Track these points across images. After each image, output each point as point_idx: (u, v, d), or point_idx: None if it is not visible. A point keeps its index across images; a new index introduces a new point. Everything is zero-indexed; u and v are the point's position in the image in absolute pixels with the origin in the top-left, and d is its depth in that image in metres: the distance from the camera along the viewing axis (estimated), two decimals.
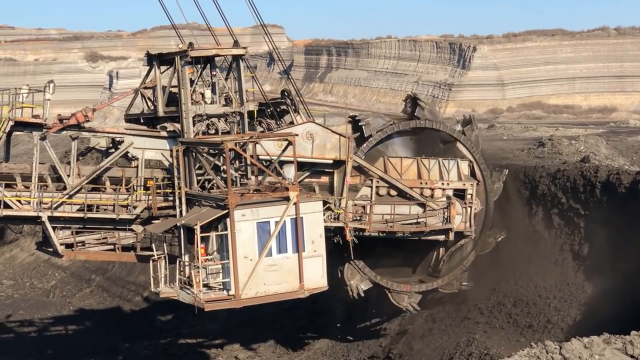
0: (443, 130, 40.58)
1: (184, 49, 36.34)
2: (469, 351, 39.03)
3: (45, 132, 36.29)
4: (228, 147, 32.93)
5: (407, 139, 40.66)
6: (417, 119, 40.16)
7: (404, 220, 39.32)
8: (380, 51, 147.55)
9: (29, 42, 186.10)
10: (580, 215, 40.95)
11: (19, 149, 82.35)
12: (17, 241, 76.65)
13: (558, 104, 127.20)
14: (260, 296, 33.37)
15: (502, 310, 41.64)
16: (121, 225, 37.14)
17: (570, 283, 40.01)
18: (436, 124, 40.58)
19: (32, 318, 59.98)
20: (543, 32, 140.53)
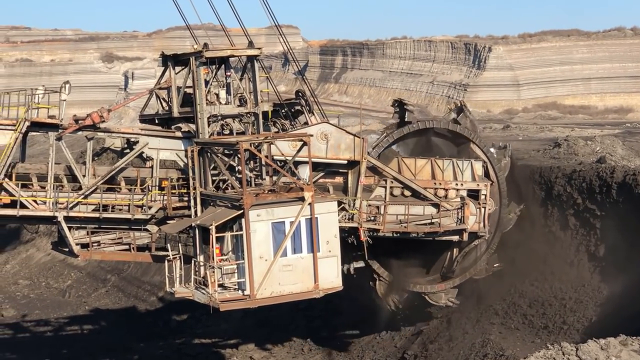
0: (435, 126, 40.59)
1: (198, 50, 36.39)
2: (484, 352, 38.98)
3: (61, 132, 36.38)
4: (243, 148, 32.97)
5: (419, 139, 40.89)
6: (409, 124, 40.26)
7: (418, 221, 39.34)
8: (396, 52, 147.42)
9: (45, 42, 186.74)
10: (596, 216, 40.80)
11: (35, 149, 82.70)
12: (33, 241, 76.98)
13: (574, 104, 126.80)
14: (275, 296, 33.42)
15: (517, 311, 41.55)
16: (136, 225, 37.20)
17: (586, 284, 39.88)
18: (428, 122, 40.62)
19: (48, 317, 60.24)
20: (558, 32, 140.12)
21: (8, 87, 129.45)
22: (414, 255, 41.11)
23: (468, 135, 40.66)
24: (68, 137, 37.48)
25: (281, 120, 39.22)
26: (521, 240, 42.57)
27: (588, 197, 41.34)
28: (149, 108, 39.82)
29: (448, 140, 41.12)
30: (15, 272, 74.46)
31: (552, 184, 43.13)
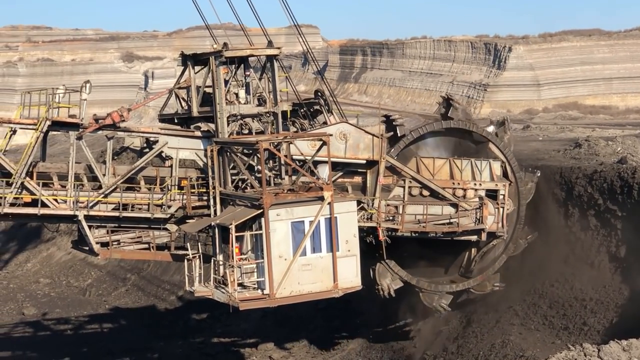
0: (475, 131, 40.52)
1: (218, 50, 36.54)
2: (504, 353, 38.85)
3: (82, 131, 36.56)
4: (263, 147, 33.07)
5: (440, 139, 40.65)
6: (451, 120, 40.16)
7: (437, 221, 39.35)
8: (415, 51, 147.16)
9: (66, 42, 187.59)
10: (617, 217, 40.57)
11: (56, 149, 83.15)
12: (53, 240, 77.36)
13: (595, 104, 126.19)
14: (295, 295, 33.59)
15: (537, 312, 41.39)
16: (156, 224, 37.36)
17: (606, 285, 39.65)
18: (469, 124, 40.54)
19: (69, 316, 60.54)
20: (579, 32, 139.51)
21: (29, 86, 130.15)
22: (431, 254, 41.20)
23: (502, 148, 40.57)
24: (88, 137, 37.66)
25: (300, 119, 39.29)
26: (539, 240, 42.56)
27: (609, 197, 41.12)
28: (169, 107, 39.99)
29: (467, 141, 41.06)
30: (36, 270, 74.88)
31: (572, 184, 42.92)
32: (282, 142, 34.76)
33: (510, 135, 41.88)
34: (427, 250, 40.98)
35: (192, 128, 38.06)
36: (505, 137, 41.21)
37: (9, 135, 36.58)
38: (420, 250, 40.99)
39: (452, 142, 40.90)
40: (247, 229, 33.39)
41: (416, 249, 40.86)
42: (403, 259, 40.59)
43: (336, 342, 48.54)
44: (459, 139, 40.84)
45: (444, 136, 40.66)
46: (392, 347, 45.45)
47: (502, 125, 41.41)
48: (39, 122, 35.98)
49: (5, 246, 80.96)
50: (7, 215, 36.45)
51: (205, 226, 36.14)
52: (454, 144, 40.93)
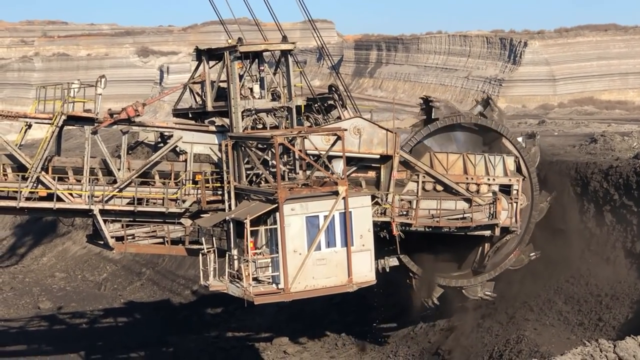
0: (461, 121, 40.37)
1: (233, 44, 36.58)
2: (519, 348, 38.78)
3: (97, 126, 36.69)
4: (278, 142, 33.10)
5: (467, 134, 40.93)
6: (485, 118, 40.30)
7: (450, 216, 39.36)
8: (430, 46, 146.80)
9: (81, 37, 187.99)
10: (633, 212, 40.43)
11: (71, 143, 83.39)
12: (69, 234, 77.68)
13: (610, 99, 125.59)
14: (309, 290, 33.64)
15: (552, 308, 41.31)
16: (170, 218, 37.46)
17: (622, 280, 39.54)
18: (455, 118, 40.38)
19: (84, 310, 60.78)
20: (595, 27, 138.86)
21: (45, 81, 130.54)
22: (445, 250, 41.20)
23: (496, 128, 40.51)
24: (103, 131, 37.78)
25: (314, 114, 39.31)
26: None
27: (625, 193, 40.97)
28: (183, 102, 40.07)
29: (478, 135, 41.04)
30: (51, 264, 75.20)
31: (588, 179, 42.77)
32: (296, 136, 34.78)
33: (498, 112, 41.63)
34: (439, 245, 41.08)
35: (207, 123, 38.16)
36: (494, 114, 41.04)
37: (24, 130, 36.73)
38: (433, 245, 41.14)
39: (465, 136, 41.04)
40: (262, 224, 33.45)
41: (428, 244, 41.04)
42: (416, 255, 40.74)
43: (351, 337, 48.56)
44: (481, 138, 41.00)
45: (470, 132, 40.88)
46: (406, 342, 45.45)
47: (487, 104, 41.15)
48: (55, 117, 36.12)
49: (20, 240, 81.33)
50: (23, 209, 36.58)
51: (220, 221, 36.22)
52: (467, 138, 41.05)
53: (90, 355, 50.60)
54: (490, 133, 40.64)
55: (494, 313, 43.03)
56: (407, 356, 44.42)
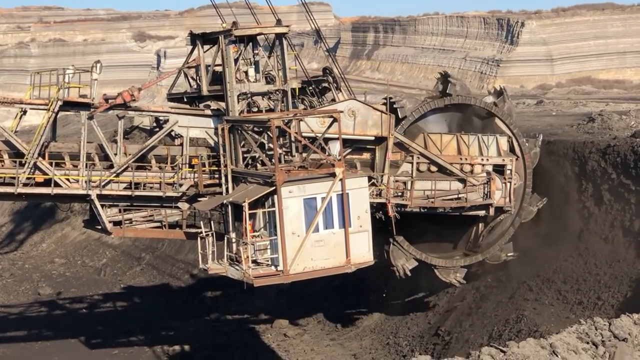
0: (475, 104, 40.73)
1: (227, 29, 36.65)
2: (518, 328, 38.86)
3: (93, 111, 36.71)
4: (275, 125, 33.13)
5: (442, 115, 41.07)
6: (449, 96, 40.32)
7: (445, 196, 39.69)
8: (427, 28, 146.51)
9: (77, 22, 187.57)
10: (631, 191, 40.41)
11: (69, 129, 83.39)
12: (68, 220, 77.72)
13: (608, 78, 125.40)
14: (308, 271, 33.89)
15: (551, 287, 41.34)
16: (168, 202, 37.54)
17: (621, 259, 39.56)
18: (469, 99, 40.73)
19: (84, 295, 60.88)
20: (593, 6, 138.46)
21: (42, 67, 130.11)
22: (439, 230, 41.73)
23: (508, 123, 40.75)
24: (100, 117, 37.77)
25: (309, 97, 39.42)
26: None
27: (623, 172, 40.96)
28: (178, 87, 40.07)
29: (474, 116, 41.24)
30: (51, 250, 75.28)
31: (586, 159, 42.77)
32: (293, 119, 34.83)
33: (509, 104, 42.01)
34: (435, 226, 41.48)
35: (202, 107, 38.21)
36: (505, 106, 41.31)
37: (19, 116, 36.72)
38: (429, 226, 41.50)
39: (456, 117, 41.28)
40: (260, 207, 33.56)
41: (424, 225, 41.34)
42: (411, 235, 40.94)
43: (350, 319, 48.72)
44: (462, 115, 41.18)
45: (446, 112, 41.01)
46: (406, 323, 45.56)
47: (501, 95, 41.50)
48: (51, 102, 36.11)
49: (19, 227, 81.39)
50: (21, 195, 36.66)
51: (218, 204, 36.28)
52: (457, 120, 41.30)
53: (90, 340, 50.63)
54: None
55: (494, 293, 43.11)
56: (407, 337, 44.53)
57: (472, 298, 43.98)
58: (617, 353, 27.84)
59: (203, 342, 49.19)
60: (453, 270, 41.63)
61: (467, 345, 40.16)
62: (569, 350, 27.76)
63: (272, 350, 47.30)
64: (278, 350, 47.07)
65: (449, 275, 41.63)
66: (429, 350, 42.21)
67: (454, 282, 41.95)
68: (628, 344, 28.44)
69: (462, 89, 41.36)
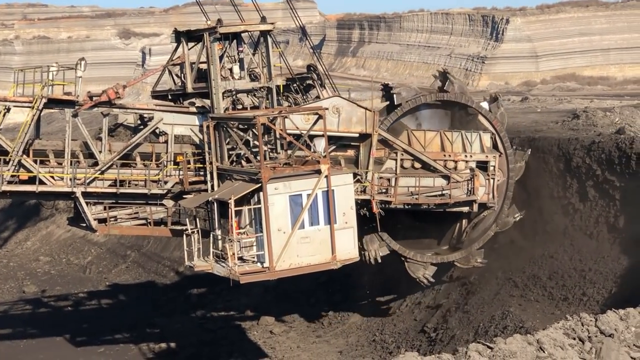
0: (470, 105, 40.90)
1: (212, 26, 36.68)
2: (504, 324, 38.95)
3: (77, 109, 36.63)
4: (260, 122, 33.14)
5: (433, 111, 41.26)
6: (446, 93, 40.41)
7: (429, 193, 39.86)
8: (413, 25, 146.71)
9: (62, 19, 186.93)
10: (616, 187, 40.58)
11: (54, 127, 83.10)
12: (53, 218, 77.39)
13: (592, 75, 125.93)
14: (294, 268, 34.03)
15: (537, 283, 41.47)
16: (153, 200, 37.51)
17: (605, 255, 39.71)
18: (464, 98, 40.92)
19: (69, 293, 60.68)
20: (577, 3, 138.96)
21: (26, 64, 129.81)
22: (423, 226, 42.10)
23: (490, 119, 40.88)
24: (86, 114, 37.66)
25: (293, 94, 39.51)
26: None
27: (607, 168, 41.11)
28: (164, 84, 40.02)
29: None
30: (35, 248, 74.96)
31: (570, 155, 42.89)
32: (278, 116, 34.87)
33: (503, 110, 42.30)
34: (419, 223, 41.83)
35: (187, 104, 38.21)
36: (498, 112, 41.57)
37: (3, 114, 36.56)
38: (413, 222, 41.87)
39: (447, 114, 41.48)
40: (246, 204, 33.60)
41: (408, 221, 41.72)
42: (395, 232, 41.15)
43: (337, 316, 48.77)
44: (453, 112, 41.38)
45: (438, 109, 41.19)
46: (392, 320, 45.66)
47: (495, 100, 41.87)
48: (35, 100, 36.00)
49: (4, 224, 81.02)
50: (5, 192, 36.56)
51: (203, 201, 36.27)
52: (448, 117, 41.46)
53: (75, 338, 50.45)
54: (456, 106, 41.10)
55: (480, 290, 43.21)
56: (393, 334, 44.58)
57: (458, 294, 44.07)
58: (603, 349, 27.95)
59: (189, 339, 49.09)
60: (423, 266, 41.70)
61: (453, 341, 40.26)
62: (555, 346, 27.89)
63: (258, 347, 47.26)
64: (264, 347, 47.03)
65: (418, 272, 41.73)
66: (415, 346, 42.25)
67: (422, 280, 41.99)
68: (614, 339, 28.57)
69: (460, 88, 41.62)
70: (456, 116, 41.48)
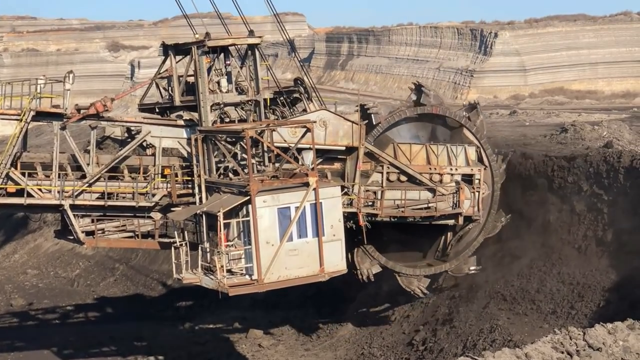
0: (448, 115, 41.26)
1: (200, 40, 37.04)
2: (492, 338, 39.08)
3: (65, 122, 36.81)
4: (249, 135, 33.40)
5: (414, 125, 41.59)
6: (423, 106, 40.79)
7: (415, 206, 40.20)
8: (401, 38, 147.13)
9: (51, 32, 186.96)
10: (604, 201, 40.80)
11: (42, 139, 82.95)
12: (41, 230, 77.34)
13: (580, 89, 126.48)
14: (283, 280, 34.47)
15: (525, 297, 41.62)
16: (140, 212, 37.66)
17: (594, 269, 39.89)
18: (442, 109, 41.31)
19: (56, 306, 60.65)
20: (565, 17, 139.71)
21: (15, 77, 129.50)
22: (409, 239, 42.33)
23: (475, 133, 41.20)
24: (74, 127, 37.79)
25: (280, 108, 39.88)
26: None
27: (595, 182, 41.34)
28: (151, 97, 40.31)
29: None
30: (23, 261, 74.87)
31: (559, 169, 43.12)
32: (266, 129, 35.15)
33: (482, 119, 42.53)
34: (405, 235, 42.03)
35: (174, 117, 38.50)
36: (477, 121, 41.83)
37: None
38: (399, 235, 42.04)
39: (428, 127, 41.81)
40: (234, 216, 33.85)
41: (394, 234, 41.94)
42: (382, 244, 41.47)
43: (325, 329, 48.91)
44: (434, 125, 41.71)
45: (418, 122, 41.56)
46: (380, 333, 45.80)
47: (474, 109, 42.05)
48: (23, 113, 36.14)
49: None
50: None
51: (192, 214, 36.45)
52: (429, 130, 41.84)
53: (63, 351, 50.51)
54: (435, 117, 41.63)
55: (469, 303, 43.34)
56: (381, 347, 44.69)
57: (447, 307, 44.18)
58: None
59: (177, 352, 49.12)
60: (417, 279, 42.00)
61: (441, 355, 40.38)
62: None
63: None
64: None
65: (412, 284, 42.01)
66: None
67: (417, 292, 42.33)
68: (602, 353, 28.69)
69: (436, 99, 41.90)
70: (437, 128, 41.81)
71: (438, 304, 44.63)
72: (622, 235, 39.51)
